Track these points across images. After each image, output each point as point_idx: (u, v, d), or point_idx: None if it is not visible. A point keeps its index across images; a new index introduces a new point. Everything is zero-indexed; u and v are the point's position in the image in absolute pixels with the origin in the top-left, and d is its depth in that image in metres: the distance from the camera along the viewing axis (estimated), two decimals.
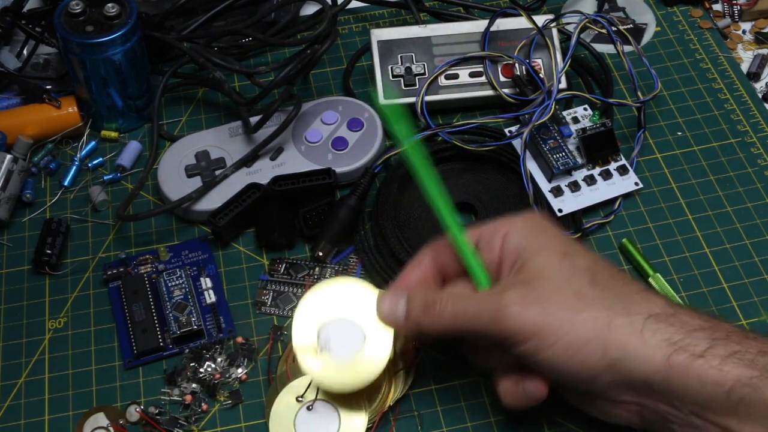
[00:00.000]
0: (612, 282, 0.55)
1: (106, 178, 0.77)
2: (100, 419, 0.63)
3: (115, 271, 0.70)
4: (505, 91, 0.78)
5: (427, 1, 0.90)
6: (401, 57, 0.80)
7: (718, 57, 0.85)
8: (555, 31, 0.80)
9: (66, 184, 0.77)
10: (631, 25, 0.87)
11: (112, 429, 0.63)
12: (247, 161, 0.75)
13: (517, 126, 0.76)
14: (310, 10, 0.89)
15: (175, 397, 0.64)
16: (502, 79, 0.79)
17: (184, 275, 0.70)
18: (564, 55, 0.78)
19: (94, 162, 0.78)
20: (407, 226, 0.72)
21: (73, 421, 0.64)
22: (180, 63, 0.81)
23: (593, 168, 0.74)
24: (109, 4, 0.74)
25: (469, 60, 0.80)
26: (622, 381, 0.53)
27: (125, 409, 0.64)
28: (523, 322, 0.54)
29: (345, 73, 0.84)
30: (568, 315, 0.53)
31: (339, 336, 0.60)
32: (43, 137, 0.78)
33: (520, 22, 0.80)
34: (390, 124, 0.59)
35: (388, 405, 0.62)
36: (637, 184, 0.74)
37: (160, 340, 0.66)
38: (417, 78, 0.79)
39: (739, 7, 0.89)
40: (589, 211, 0.74)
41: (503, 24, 0.81)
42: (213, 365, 0.65)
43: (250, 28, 0.80)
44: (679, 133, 0.79)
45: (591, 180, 0.74)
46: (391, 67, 0.79)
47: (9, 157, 0.74)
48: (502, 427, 0.62)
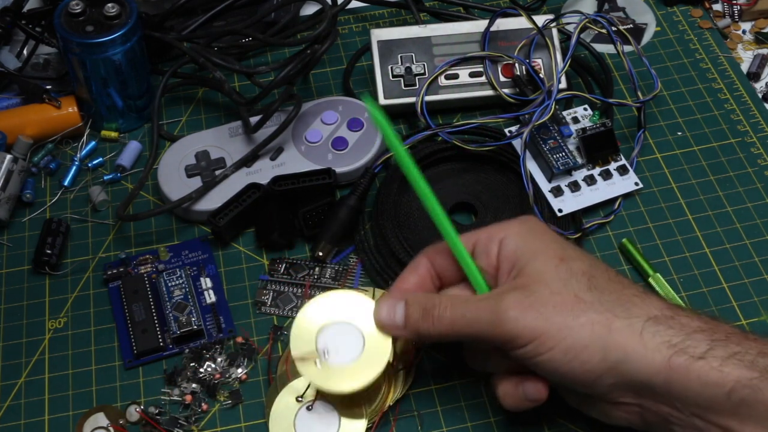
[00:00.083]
0: (610, 285, 0.55)
1: (106, 178, 0.77)
2: (100, 419, 0.63)
3: (115, 271, 0.70)
4: (505, 91, 0.78)
5: (427, 1, 0.90)
6: (401, 57, 0.80)
7: (718, 57, 0.85)
8: (555, 31, 0.80)
9: (66, 184, 0.77)
10: (631, 25, 0.87)
11: (112, 429, 0.63)
12: (247, 161, 0.75)
13: (517, 126, 0.76)
14: (310, 10, 0.89)
15: (175, 397, 0.64)
16: (502, 79, 0.79)
17: (184, 275, 0.70)
18: (564, 55, 0.78)
19: (94, 162, 0.78)
20: (407, 226, 0.72)
21: (73, 421, 0.64)
22: (180, 63, 0.81)
23: (593, 168, 0.74)
24: (109, 4, 0.74)
25: (469, 60, 0.79)
26: (623, 383, 0.53)
27: (125, 409, 0.64)
28: (521, 327, 0.54)
29: (345, 73, 0.84)
30: (567, 319, 0.53)
31: (338, 341, 0.59)
32: (43, 137, 0.78)
33: (520, 22, 0.80)
34: (383, 129, 0.58)
35: (388, 405, 0.62)
36: (637, 184, 0.74)
37: (160, 340, 0.66)
38: (417, 78, 0.79)
39: (739, 7, 0.88)
40: (589, 211, 0.74)
41: (503, 24, 0.81)
42: (213, 365, 0.65)
43: (250, 28, 0.80)
44: (679, 133, 0.79)
45: (591, 180, 0.74)
46: (391, 67, 0.79)
47: (9, 157, 0.73)
48: (502, 427, 0.62)
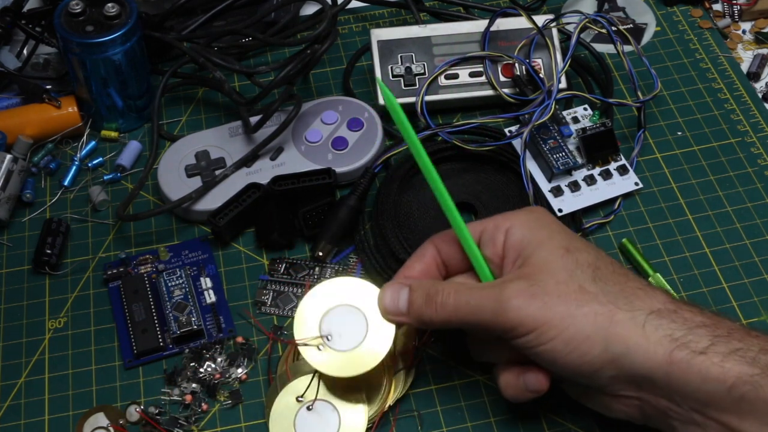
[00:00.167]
0: (614, 277, 0.55)
1: (106, 178, 0.77)
2: (100, 419, 0.63)
3: (115, 271, 0.70)
4: (505, 91, 0.78)
5: (427, 1, 0.90)
6: (401, 57, 0.80)
7: (718, 57, 0.85)
8: (555, 31, 0.80)
9: (66, 184, 0.77)
10: (631, 25, 0.87)
11: (112, 429, 0.63)
12: (247, 161, 0.75)
13: (517, 126, 0.76)
14: (310, 10, 0.89)
15: (175, 397, 0.64)
16: (502, 79, 0.79)
17: (184, 275, 0.70)
18: (564, 55, 0.78)
19: (94, 162, 0.78)
20: (407, 226, 0.72)
21: (73, 421, 0.64)
22: (180, 63, 0.81)
23: (593, 168, 0.74)
24: (109, 4, 0.74)
25: (469, 60, 0.79)
26: (624, 376, 0.53)
27: (125, 409, 0.64)
28: (524, 316, 0.54)
29: (345, 73, 0.84)
30: (570, 310, 0.53)
31: (341, 327, 0.60)
32: (43, 137, 0.78)
33: (520, 22, 0.80)
34: (399, 119, 0.58)
35: (388, 405, 0.62)
36: (637, 184, 0.74)
37: (160, 340, 0.66)
38: (417, 78, 0.79)
39: (739, 7, 0.88)
40: (589, 211, 0.74)
41: (503, 24, 0.81)
42: (213, 365, 0.65)
43: (250, 28, 0.80)
44: (679, 133, 0.79)
45: (591, 180, 0.74)
46: (391, 67, 0.79)
47: (9, 157, 0.73)
48: (502, 426, 0.62)
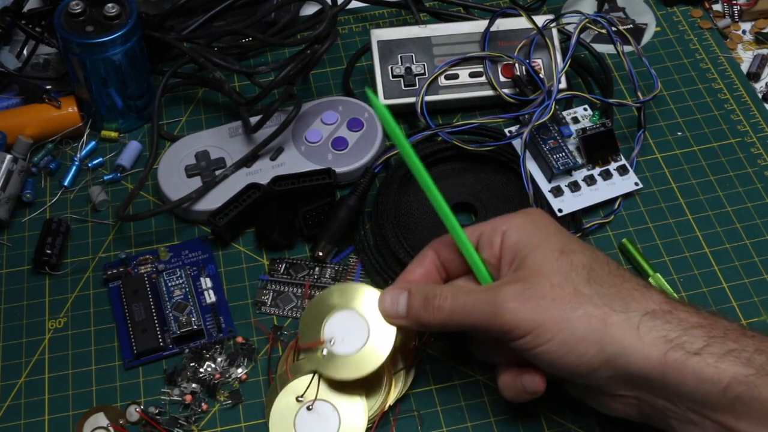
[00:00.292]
0: (610, 279, 0.55)
1: (106, 178, 0.77)
2: (100, 419, 0.63)
3: (115, 271, 0.70)
4: (505, 91, 0.78)
5: (427, 1, 0.90)
6: (401, 57, 0.80)
7: (718, 57, 0.85)
8: (555, 31, 0.80)
9: (66, 184, 0.77)
10: (631, 25, 0.87)
11: (112, 429, 0.63)
12: (247, 161, 0.75)
13: (517, 126, 0.76)
14: (310, 10, 0.89)
15: (175, 397, 0.64)
16: (502, 79, 0.79)
17: (184, 275, 0.70)
18: (564, 55, 0.78)
19: (94, 162, 0.78)
20: (407, 226, 0.72)
21: (73, 421, 0.64)
22: (180, 63, 0.81)
23: (593, 168, 0.74)
24: (109, 4, 0.74)
25: (469, 60, 0.79)
26: (620, 376, 0.54)
27: (125, 409, 0.64)
28: (519, 319, 0.54)
29: (345, 73, 0.84)
30: (564, 312, 0.54)
31: (344, 331, 0.61)
32: (43, 137, 0.78)
33: (520, 22, 0.80)
34: (387, 124, 0.59)
35: (388, 405, 0.62)
36: (637, 184, 0.74)
37: (160, 340, 0.66)
38: (417, 78, 0.79)
39: (739, 7, 0.88)
40: (589, 211, 0.74)
41: (503, 24, 0.81)
42: (213, 365, 0.65)
43: (250, 28, 0.80)
44: (679, 133, 0.79)
45: (591, 180, 0.74)
46: (391, 67, 0.79)
47: (9, 157, 0.73)
48: (502, 426, 0.62)
